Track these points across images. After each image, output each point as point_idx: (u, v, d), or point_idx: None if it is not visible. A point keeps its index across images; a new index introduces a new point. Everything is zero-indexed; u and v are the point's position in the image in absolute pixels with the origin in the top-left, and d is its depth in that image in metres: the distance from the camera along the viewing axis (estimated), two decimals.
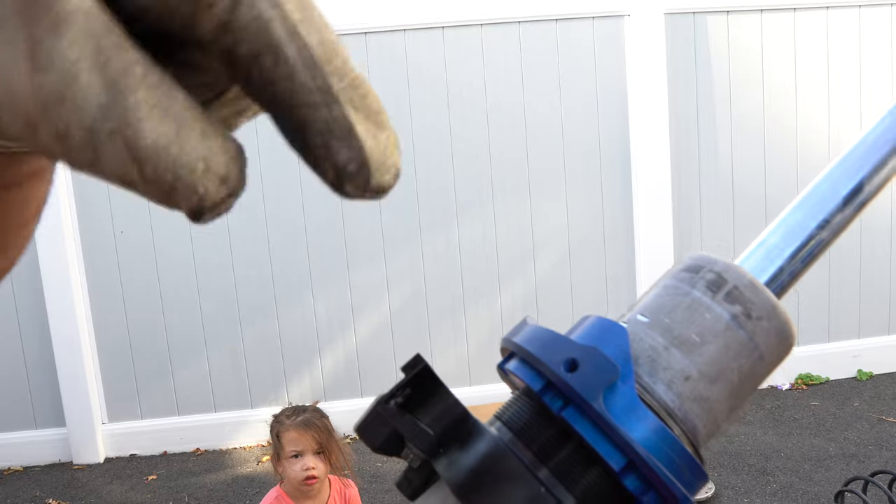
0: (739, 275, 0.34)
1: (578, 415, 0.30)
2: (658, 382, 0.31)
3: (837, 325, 3.97)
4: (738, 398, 0.33)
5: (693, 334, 0.32)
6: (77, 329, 3.55)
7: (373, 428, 0.31)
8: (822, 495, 2.74)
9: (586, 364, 0.30)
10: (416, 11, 3.55)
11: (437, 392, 0.31)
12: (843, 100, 3.83)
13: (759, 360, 0.33)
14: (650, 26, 3.61)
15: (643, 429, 0.29)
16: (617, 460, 0.29)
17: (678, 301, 0.34)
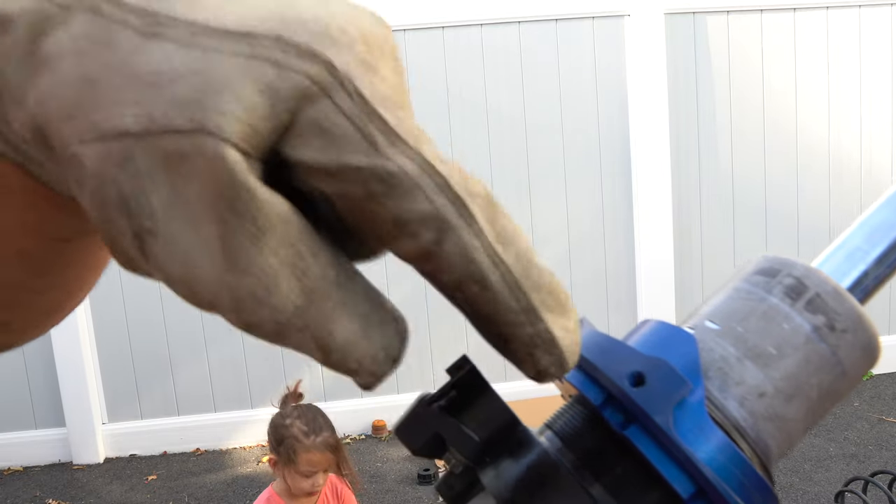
0: (822, 280, 0.30)
1: (642, 433, 0.27)
2: (729, 398, 0.29)
3: None
4: (816, 416, 0.30)
5: (769, 346, 0.29)
6: (77, 329, 3.54)
7: (414, 429, 0.29)
8: (822, 495, 2.74)
9: (654, 378, 0.27)
10: (416, 11, 3.55)
11: (483, 396, 0.29)
12: (843, 100, 3.83)
13: (840, 376, 0.30)
14: (650, 26, 3.61)
15: (712, 450, 0.27)
16: (685, 486, 0.26)
17: (752, 307, 0.30)
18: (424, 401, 0.28)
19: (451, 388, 0.28)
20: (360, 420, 3.73)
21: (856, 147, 3.86)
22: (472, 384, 0.29)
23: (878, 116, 3.87)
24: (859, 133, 3.86)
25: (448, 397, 0.29)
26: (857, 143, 3.86)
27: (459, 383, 0.28)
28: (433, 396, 0.28)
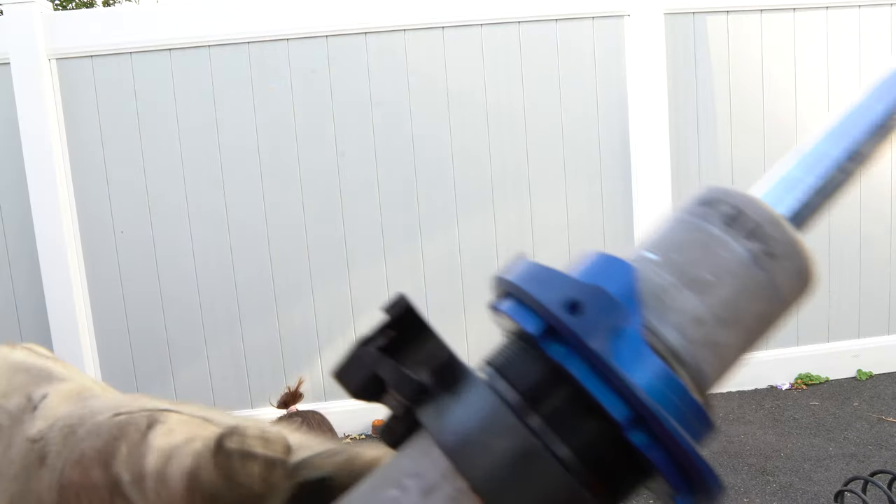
0: (760, 209, 0.30)
1: (580, 362, 0.27)
2: (668, 326, 0.28)
3: (837, 325, 3.97)
4: (752, 342, 0.30)
5: (707, 274, 0.29)
6: (77, 329, 3.55)
7: (352, 371, 0.28)
8: (821, 495, 2.75)
9: (590, 305, 0.26)
10: (415, 11, 3.55)
11: (422, 335, 0.28)
12: (843, 99, 3.82)
13: (778, 303, 0.30)
14: (650, 26, 3.61)
15: (649, 376, 0.26)
16: (621, 412, 0.26)
17: (691, 237, 0.30)
18: (362, 341, 0.28)
19: (387, 328, 0.28)
20: (359, 420, 3.73)
21: None
22: (409, 323, 0.28)
23: None
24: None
25: (386, 337, 0.28)
26: None
27: (396, 322, 0.28)
28: (369, 336, 0.28)
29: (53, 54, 3.45)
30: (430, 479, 0.26)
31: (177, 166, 3.58)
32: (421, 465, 0.27)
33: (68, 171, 3.54)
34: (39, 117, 3.42)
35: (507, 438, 0.26)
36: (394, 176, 3.66)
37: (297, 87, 3.58)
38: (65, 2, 10.41)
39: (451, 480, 0.26)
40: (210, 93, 3.55)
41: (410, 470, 0.27)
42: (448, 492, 0.26)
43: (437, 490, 0.26)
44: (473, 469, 0.26)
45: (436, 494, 0.26)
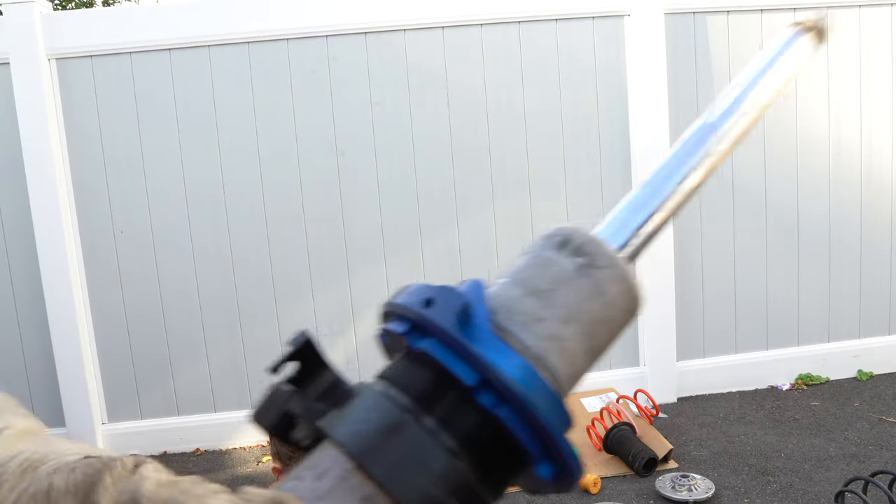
0: (582, 234, 0.38)
1: (437, 343, 0.32)
2: (515, 325, 0.34)
3: (837, 325, 3.97)
4: (593, 340, 0.36)
5: (545, 284, 0.36)
6: (77, 329, 3.54)
7: (267, 412, 0.33)
8: (822, 495, 2.74)
9: (440, 299, 0.33)
10: (416, 11, 3.55)
11: (322, 369, 0.34)
12: (844, 99, 3.83)
13: (607, 305, 0.36)
14: (650, 26, 3.60)
15: (494, 352, 0.32)
16: (470, 376, 0.32)
17: (533, 261, 0.37)
18: (276, 385, 0.33)
19: (290, 359, 0.34)
20: None
21: (856, 146, 3.86)
22: (310, 356, 0.34)
23: (879, 116, 3.86)
24: (859, 132, 3.86)
25: (294, 373, 0.33)
26: (857, 142, 3.86)
27: (297, 356, 0.34)
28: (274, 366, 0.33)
29: (53, 54, 3.45)
30: (322, 467, 0.31)
31: (176, 165, 3.58)
32: (317, 459, 0.31)
33: (68, 170, 3.53)
34: (39, 117, 3.42)
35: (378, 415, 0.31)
36: (394, 175, 3.66)
37: (297, 86, 3.58)
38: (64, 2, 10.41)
39: (341, 463, 0.30)
40: (210, 92, 3.55)
41: (308, 465, 0.31)
42: (337, 472, 0.30)
43: (328, 473, 0.30)
44: (354, 447, 0.30)
45: (327, 476, 0.30)
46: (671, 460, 3.10)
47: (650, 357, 3.80)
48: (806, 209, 3.87)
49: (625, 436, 3.10)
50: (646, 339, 3.80)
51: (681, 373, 3.84)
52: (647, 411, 3.41)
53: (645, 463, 2.96)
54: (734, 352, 3.93)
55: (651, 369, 3.80)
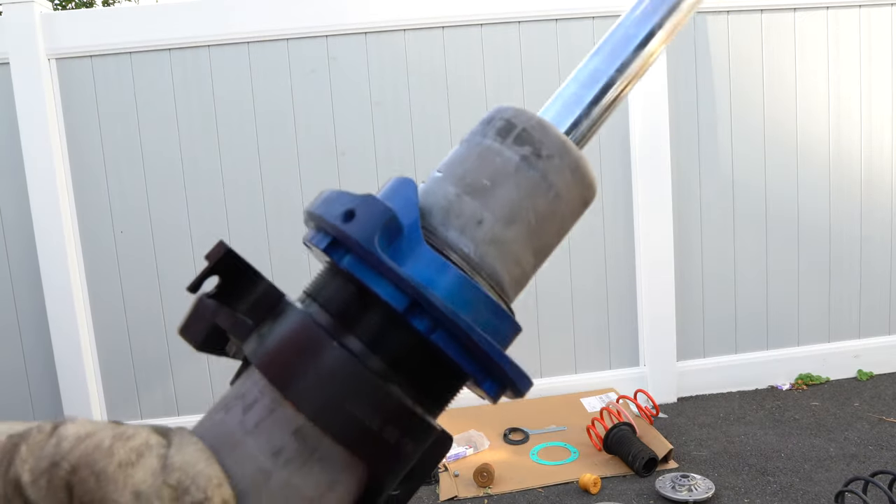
0: (527, 117, 0.34)
1: (360, 263, 0.29)
2: (451, 230, 0.31)
3: (837, 325, 3.97)
4: (541, 239, 0.33)
5: (484, 179, 0.32)
6: (77, 329, 3.54)
7: (194, 325, 0.30)
8: (822, 496, 2.74)
9: (362, 212, 0.29)
10: (415, 11, 3.55)
11: (248, 277, 0.31)
12: (844, 99, 3.83)
13: (556, 199, 0.32)
14: None
15: (423, 266, 0.29)
16: (399, 300, 0.29)
17: (471, 152, 0.33)
18: (201, 297, 0.30)
19: (209, 274, 0.31)
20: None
21: (856, 147, 3.86)
22: (234, 268, 0.31)
23: (879, 116, 3.86)
24: (860, 133, 3.86)
25: (218, 287, 0.31)
26: (857, 142, 3.86)
27: (219, 268, 0.31)
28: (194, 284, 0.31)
29: (53, 54, 3.45)
30: (251, 397, 0.29)
31: (176, 166, 3.58)
32: (245, 387, 0.29)
33: (68, 170, 3.53)
34: (39, 117, 3.42)
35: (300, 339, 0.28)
36: (394, 175, 3.65)
37: (297, 86, 3.58)
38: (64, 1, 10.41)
39: (269, 393, 0.28)
40: (210, 92, 3.55)
41: (237, 393, 0.29)
42: (265, 403, 0.28)
43: (256, 404, 0.28)
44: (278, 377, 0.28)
45: (255, 408, 0.28)
46: (671, 460, 3.10)
47: (650, 357, 3.80)
48: (806, 209, 3.87)
49: (625, 436, 3.10)
50: (646, 339, 3.80)
51: (681, 373, 3.84)
52: (647, 411, 3.41)
53: (645, 463, 2.96)
54: (734, 352, 3.93)
55: (651, 369, 3.80)
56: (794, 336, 3.96)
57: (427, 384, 0.30)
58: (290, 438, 0.28)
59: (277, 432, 0.28)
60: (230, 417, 0.29)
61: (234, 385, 0.30)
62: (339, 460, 0.28)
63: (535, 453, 3.21)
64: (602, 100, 0.36)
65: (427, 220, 0.32)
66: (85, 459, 0.25)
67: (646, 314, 3.77)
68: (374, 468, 0.29)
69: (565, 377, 3.81)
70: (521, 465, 3.11)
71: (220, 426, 0.29)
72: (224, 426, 0.29)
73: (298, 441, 0.28)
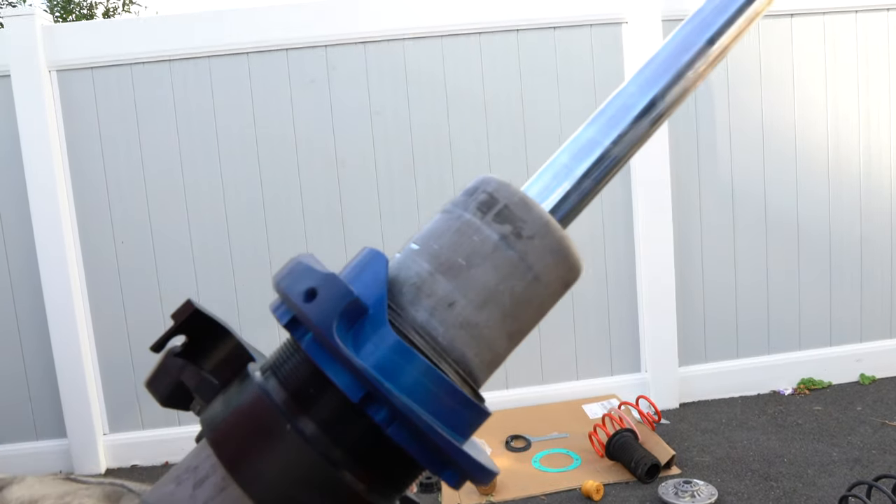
0: (510, 193, 0.32)
1: (319, 346, 0.28)
2: (420, 310, 0.30)
3: (839, 329, 3.97)
4: (516, 322, 0.31)
5: (460, 258, 0.31)
6: (78, 339, 3.54)
7: (160, 381, 0.31)
8: (825, 500, 2.73)
9: (323, 293, 0.28)
10: (415, 20, 3.57)
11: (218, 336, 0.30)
12: (842, 102, 3.84)
13: (535, 281, 0.31)
14: (648, 33, 3.62)
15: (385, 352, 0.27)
16: (354, 391, 0.27)
17: (450, 225, 0.32)
18: (170, 352, 0.30)
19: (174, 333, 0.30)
20: None
21: (855, 149, 3.87)
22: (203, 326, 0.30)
23: (877, 120, 3.87)
24: (858, 136, 3.87)
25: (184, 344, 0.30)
26: (856, 145, 3.87)
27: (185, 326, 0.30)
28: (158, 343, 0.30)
29: (54, 66, 3.47)
30: (202, 472, 0.28)
31: (177, 177, 3.59)
32: (198, 459, 0.29)
33: (69, 181, 3.54)
34: (40, 128, 3.43)
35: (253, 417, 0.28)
36: (394, 184, 3.66)
37: (297, 96, 3.59)
38: (65, 14, 10.45)
39: (219, 470, 0.28)
40: (210, 103, 3.56)
41: (189, 465, 0.29)
42: (215, 481, 0.27)
43: (206, 481, 0.28)
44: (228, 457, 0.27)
45: (205, 485, 0.28)
46: (674, 466, 3.09)
47: (652, 363, 3.80)
48: (805, 213, 3.87)
49: (627, 442, 3.09)
50: (647, 345, 3.79)
51: (683, 378, 3.83)
52: (650, 417, 3.40)
53: (647, 469, 2.96)
54: (736, 357, 3.92)
55: (653, 375, 3.80)
56: (795, 340, 3.95)
57: (383, 471, 0.29)
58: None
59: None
60: (180, 491, 0.28)
61: (189, 455, 0.30)
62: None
63: (537, 460, 3.20)
64: (594, 173, 0.34)
65: (396, 298, 0.30)
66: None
67: (647, 320, 3.77)
68: None
69: (567, 384, 3.81)
70: (524, 472, 3.10)
71: (170, 498, 0.28)
72: (173, 499, 0.28)
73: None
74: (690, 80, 0.34)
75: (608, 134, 0.33)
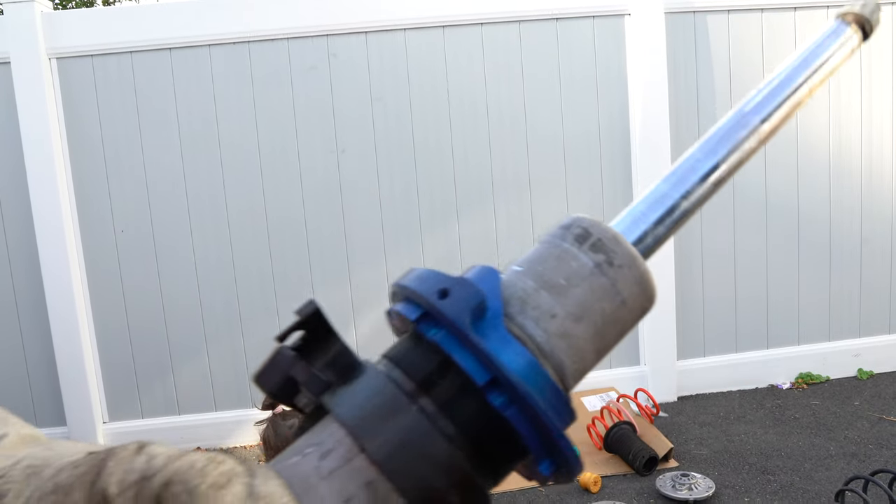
0: (603, 229, 0.37)
1: (449, 337, 0.32)
2: (527, 319, 0.34)
3: (838, 324, 3.97)
4: (604, 339, 0.36)
5: (561, 279, 0.35)
6: (78, 328, 3.55)
7: (270, 374, 0.32)
8: (822, 494, 2.74)
9: (456, 291, 0.33)
10: (416, 10, 3.55)
11: (329, 337, 0.33)
12: (844, 99, 3.82)
13: (621, 305, 0.36)
14: (651, 25, 3.60)
15: (502, 348, 0.32)
16: (480, 375, 0.31)
17: (550, 252, 0.37)
18: (280, 349, 0.33)
19: (295, 329, 0.33)
20: None
21: (856, 146, 3.86)
22: (318, 326, 0.33)
23: (879, 116, 3.86)
24: (860, 132, 3.86)
25: (300, 340, 0.33)
26: (857, 142, 3.86)
27: (305, 325, 0.33)
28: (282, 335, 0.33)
29: (54, 53, 3.45)
30: (327, 446, 0.30)
31: (177, 165, 3.58)
32: (321, 437, 0.31)
33: (69, 170, 3.54)
34: (40, 116, 3.42)
35: (398, 416, 0.31)
36: (394, 174, 3.66)
37: (298, 85, 3.58)
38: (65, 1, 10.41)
39: (345, 444, 0.30)
40: (210, 91, 3.55)
41: (311, 441, 0.31)
42: (341, 453, 0.30)
43: (332, 453, 0.30)
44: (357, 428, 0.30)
45: (331, 456, 0.30)
46: (671, 459, 3.10)
47: (650, 356, 3.81)
48: (806, 208, 3.87)
49: (625, 435, 3.10)
50: (646, 337, 3.80)
51: (681, 372, 3.84)
52: (648, 410, 3.41)
53: (645, 462, 2.97)
54: (734, 351, 3.93)
55: (651, 368, 3.80)
56: (794, 335, 3.96)
57: (489, 455, 0.33)
58: (362, 489, 0.29)
59: (350, 482, 0.30)
60: (305, 462, 0.30)
61: (307, 434, 0.32)
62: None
63: None
64: (666, 220, 0.40)
65: (506, 308, 0.34)
66: (179, 476, 0.26)
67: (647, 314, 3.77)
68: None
69: None
70: None
71: (295, 468, 0.30)
72: (299, 469, 0.30)
73: (369, 493, 0.30)
74: (745, 152, 0.42)
75: (678, 189, 0.41)
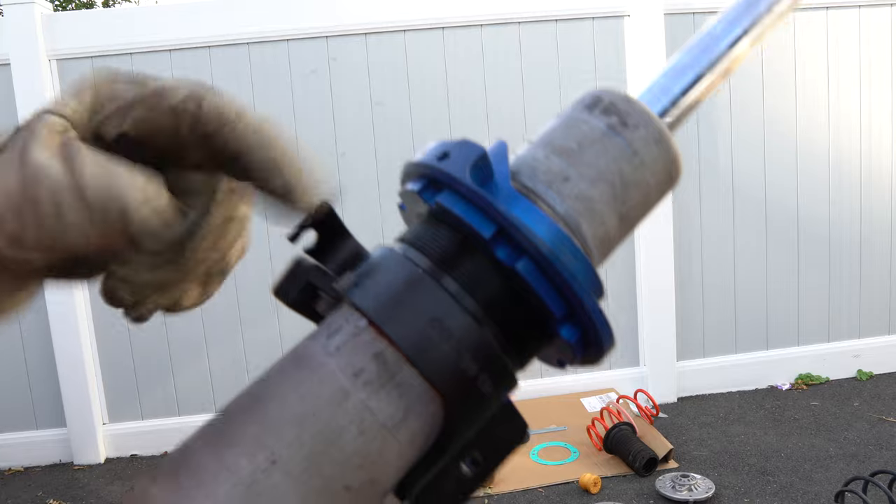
0: (614, 93, 0.35)
1: (452, 195, 0.31)
2: (539, 184, 0.33)
3: (837, 324, 3.97)
4: (625, 204, 0.34)
5: (572, 143, 0.34)
6: (77, 329, 3.55)
7: (289, 285, 0.33)
8: (822, 495, 2.75)
9: (456, 151, 0.31)
10: (415, 12, 3.55)
11: (342, 237, 0.33)
12: (844, 99, 3.83)
13: (641, 166, 0.34)
14: (650, 26, 3.61)
15: (513, 205, 0.30)
16: (487, 228, 0.30)
17: (561, 122, 0.35)
18: (298, 259, 0.33)
19: (307, 226, 0.33)
20: None
21: (856, 146, 3.86)
22: (332, 226, 0.33)
23: (879, 116, 3.87)
24: (860, 132, 3.86)
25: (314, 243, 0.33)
26: (857, 142, 3.86)
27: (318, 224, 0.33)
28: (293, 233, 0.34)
29: (54, 55, 3.45)
30: (334, 326, 0.30)
31: None
32: (330, 319, 0.31)
33: None
34: None
35: (395, 275, 0.30)
36: (394, 177, 3.63)
37: (297, 87, 3.59)
38: (65, 2, 10.41)
39: (353, 320, 0.30)
40: None
41: (322, 325, 0.31)
42: (349, 329, 0.30)
43: (340, 330, 0.30)
44: (368, 306, 0.30)
45: (339, 333, 0.30)
46: (671, 460, 3.10)
47: (650, 357, 3.81)
48: (806, 208, 3.87)
49: (625, 436, 3.10)
50: (646, 338, 3.80)
51: (681, 373, 3.84)
52: (648, 411, 3.41)
53: (645, 463, 2.97)
54: (734, 351, 3.93)
55: (651, 369, 3.81)
56: (793, 336, 3.96)
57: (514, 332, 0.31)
58: (370, 361, 0.29)
59: (359, 355, 0.29)
60: (313, 341, 0.31)
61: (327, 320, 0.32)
62: (416, 390, 0.29)
63: (535, 453, 3.21)
64: (690, 92, 0.39)
65: (516, 176, 0.33)
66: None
67: (646, 314, 3.77)
68: (450, 404, 0.29)
69: (565, 377, 3.82)
70: (522, 464, 3.11)
71: (303, 348, 0.31)
72: (307, 348, 0.31)
73: (379, 364, 0.29)
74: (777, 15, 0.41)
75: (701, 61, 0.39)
